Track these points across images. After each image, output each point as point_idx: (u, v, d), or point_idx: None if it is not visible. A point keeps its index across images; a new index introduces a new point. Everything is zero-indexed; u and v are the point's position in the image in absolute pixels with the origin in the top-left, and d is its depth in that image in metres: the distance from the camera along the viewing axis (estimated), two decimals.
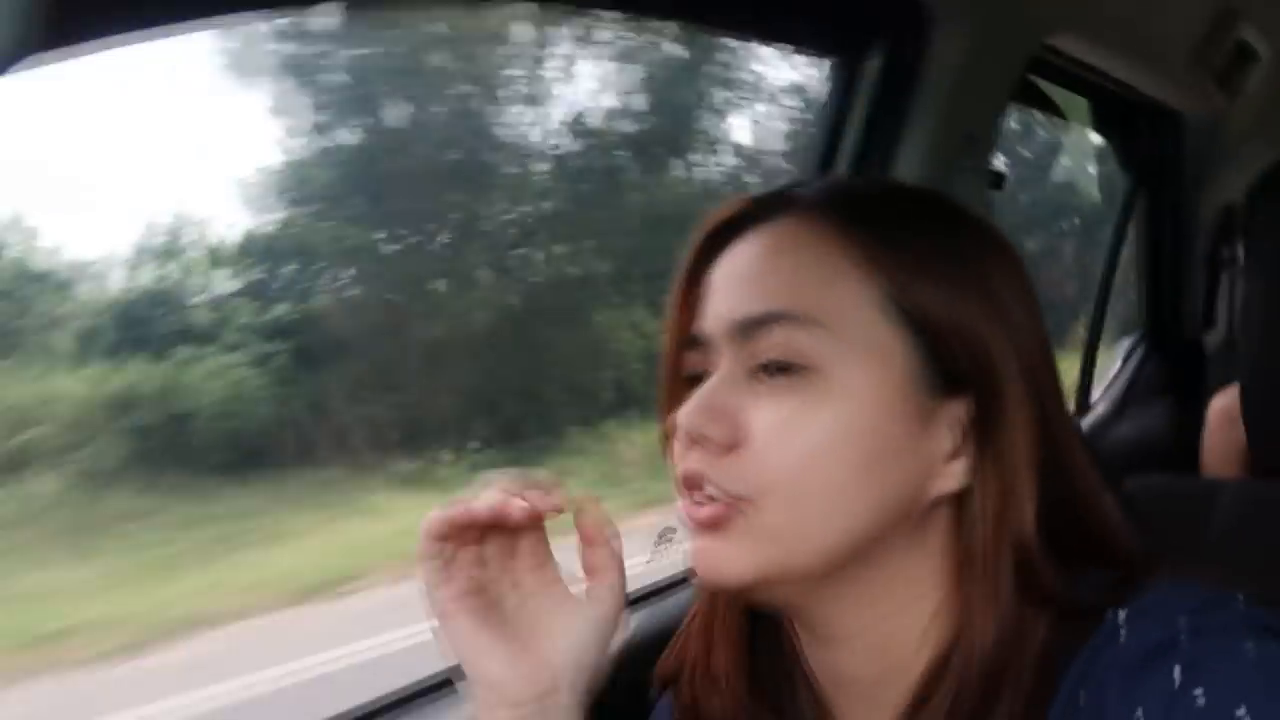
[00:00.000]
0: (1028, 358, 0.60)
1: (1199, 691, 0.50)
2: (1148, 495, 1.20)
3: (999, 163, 1.50)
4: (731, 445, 0.58)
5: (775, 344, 0.58)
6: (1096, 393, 2.32)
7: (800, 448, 0.57)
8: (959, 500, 0.60)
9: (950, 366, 0.59)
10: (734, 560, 0.59)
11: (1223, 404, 1.73)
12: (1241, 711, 0.49)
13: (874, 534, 0.58)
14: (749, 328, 0.59)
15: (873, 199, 0.64)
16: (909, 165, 1.30)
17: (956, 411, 0.59)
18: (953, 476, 0.59)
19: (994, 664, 0.57)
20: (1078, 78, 1.83)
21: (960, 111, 1.33)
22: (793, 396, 0.58)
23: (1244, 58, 2.03)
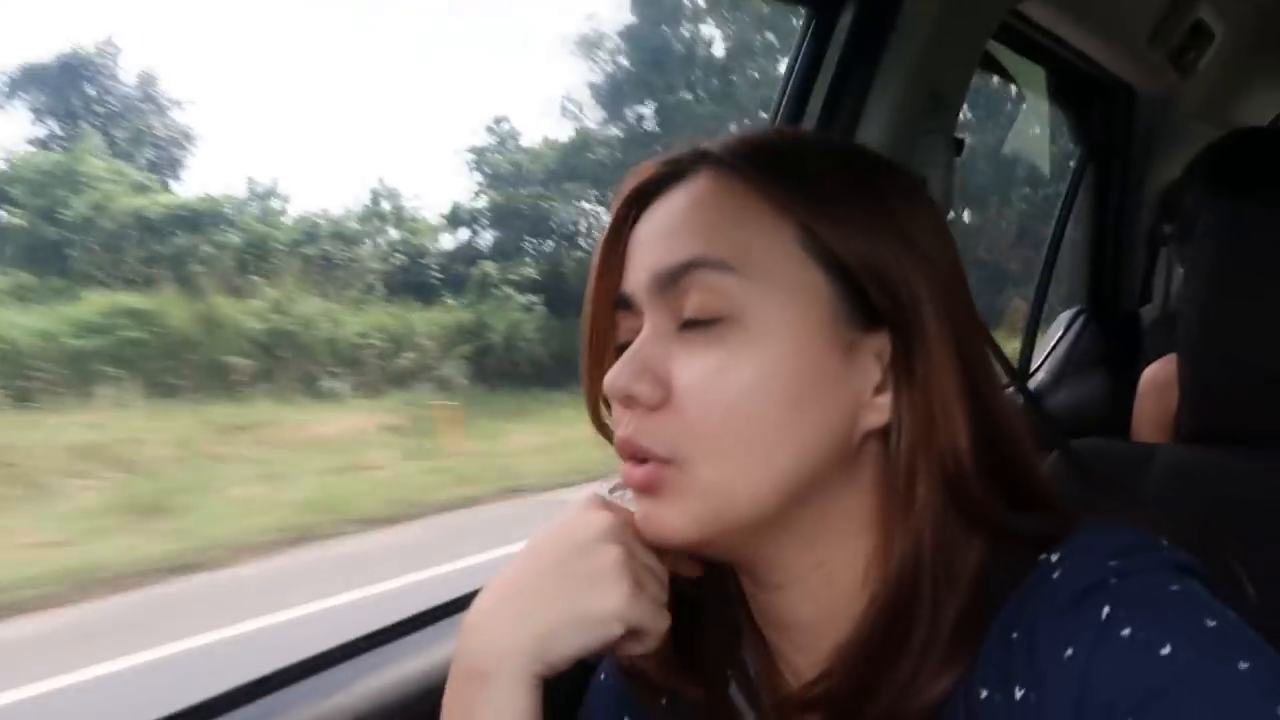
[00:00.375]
0: (943, 294, 0.61)
1: (1126, 630, 0.52)
2: (1085, 455, 1.23)
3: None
4: (660, 403, 0.59)
5: (693, 291, 0.59)
6: (1036, 363, 2.38)
7: (724, 398, 0.58)
8: (886, 434, 0.61)
9: (867, 302, 0.60)
10: (673, 521, 0.60)
11: (1154, 374, 1.78)
12: (1167, 650, 0.51)
13: (808, 476, 0.59)
14: (668, 279, 0.60)
15: (785, 148, 0.64)
16: (875, 123, 1.30)
17: (878, 345, 0.60)
18: (879, 410, 0.60)
19: (920, 587, 0.58)
20: (1040, 47, 1.84)
21: (928, 72, 1.33)
22: (716, 347, 0.58)
23: (1199, 37, 2.06)
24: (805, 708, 0.62)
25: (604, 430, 0.67)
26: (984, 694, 0.57)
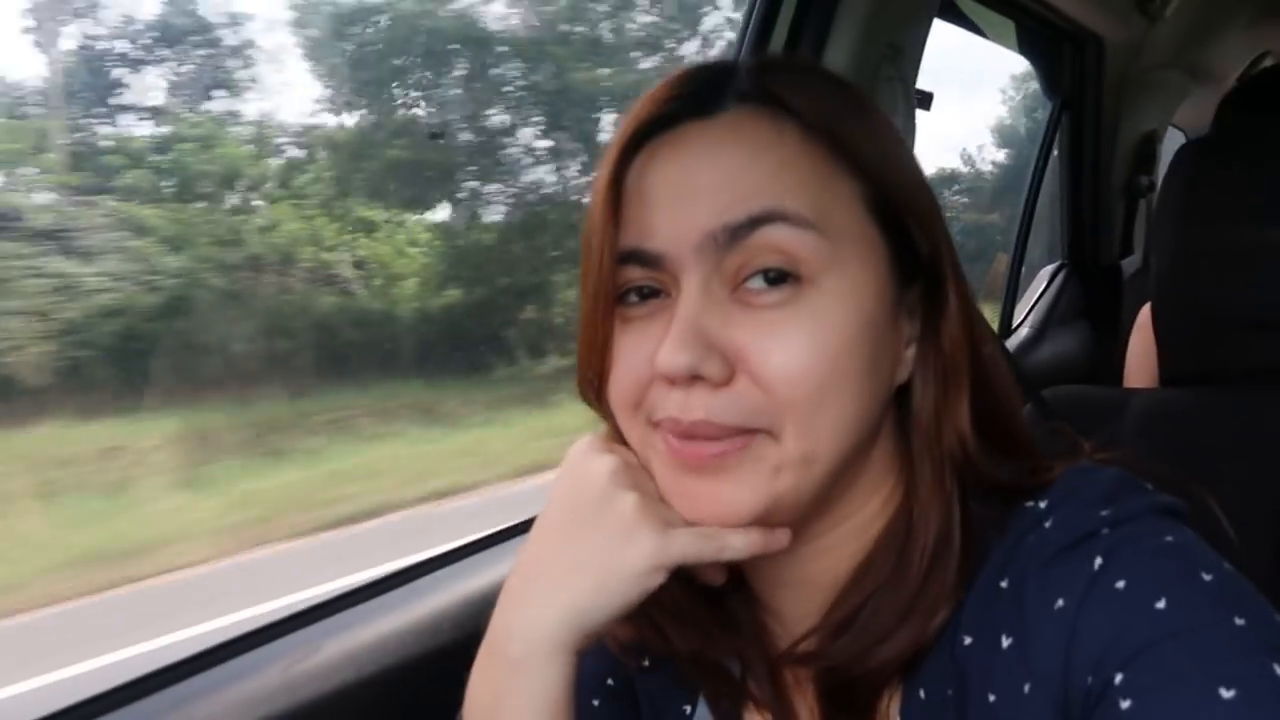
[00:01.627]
0: (947, 235, 0.59)
1: (1120, 583, 0.50)
2: (1063, 402, 1.23)
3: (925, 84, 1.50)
4: (730, 377, 0.53)
5: (765, 249, 0.53)
6: (1018, 318, 2.37)
7: (813, 366, 0.53)
8: (902, 390, 0.59)
9: (907, 257, 0.58)
10: (742, 499, 0.54)
11: (1143, 320, 1.77)
12: (1162, 604, 0.49)
13: (869, 438, 0.57)
14: (731, 236, 0.53)
15: (832, 90, 0.58)
16: (834, 70, 1.29)
17: (911, 300, 0.59)
18: (907, 365, 0.59)
19: (935, 550, 0.56)
20: None
21: (886, 20, 1.31)
22: (794, 311, 0.53)
23: None
24: (796, 661, 0.61)
25: (600, 404, 0.61)
26: (968, 641, 0.55)
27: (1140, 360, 1.71)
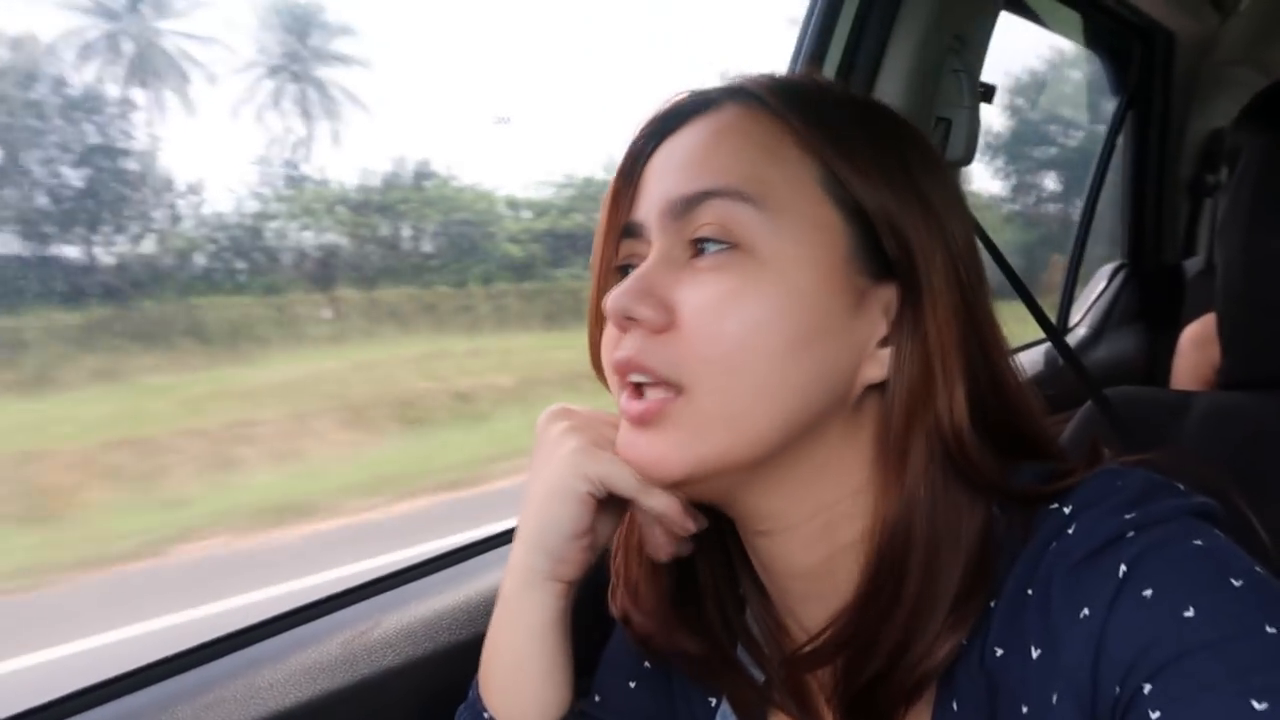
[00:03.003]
0: (954, 258, 0.60)
1: (1148, 591, 0.50)
2: (1124, 402, 1.21)
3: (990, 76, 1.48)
4: (664, 326, 0.57)
5: (709, 220, 0.58)
6: (1076, 316, 2.33)
7: (734, 325, 0.56)
8: (885, 388, 0.60)
9: (880, 253, 0.59)
10: (669, 454, 0.58)
11: (1194, 332, 1.74)
12: (1190, 613, 0.48)
13: (807, 418, 0.58)
14: (684, 206, 0.59)
15: (813, 91, 0.63)
16: (898, 62, 1.28)
17: (886, 297, 0.59)
18: (880, 364, 0.59)
19: (932, 551, 0.56)
20: None
21: (953, 10, 1.30)
22: (727, 274, 0.57)
23: None
24: (810, 662, 0.61)
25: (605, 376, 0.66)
26: (999, 653, 0.55)
27: (1187, 380, 1.68)
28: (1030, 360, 2.03)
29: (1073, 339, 2.25)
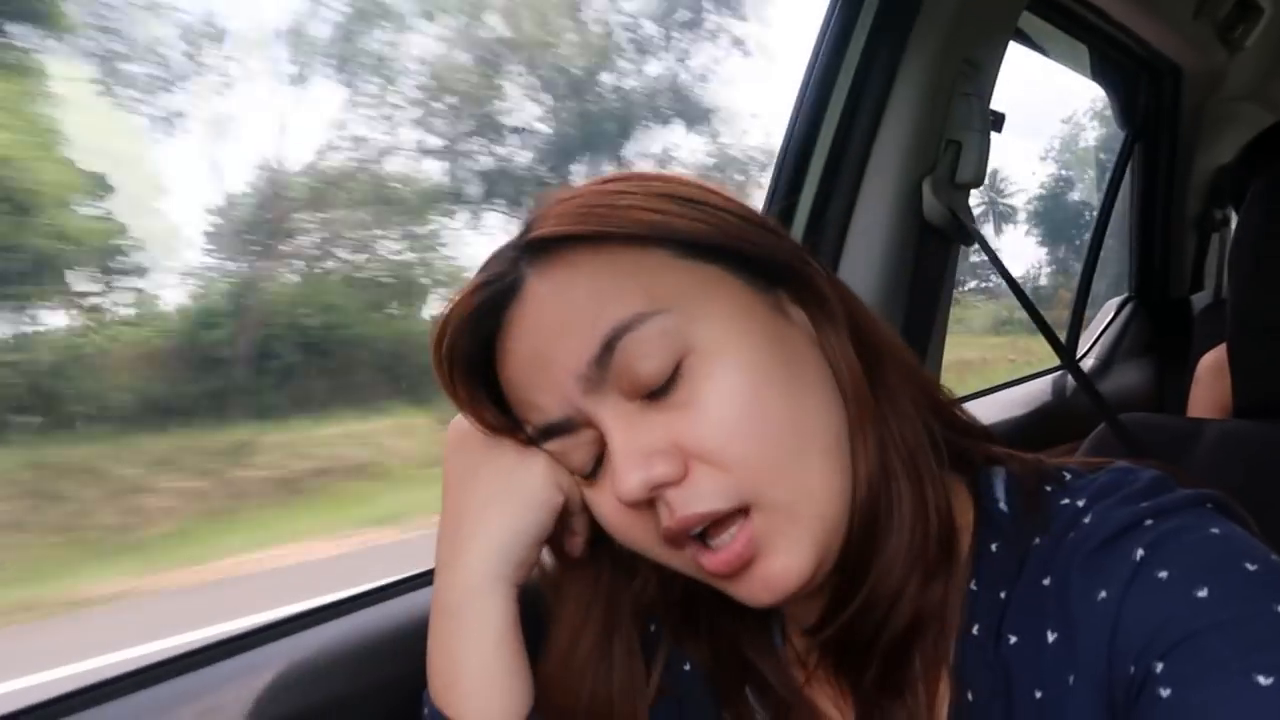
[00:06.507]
0: (796, 248, 0.62)
1: (1163, 573, 0.51)
2: (1137, 429, 1.21)
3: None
4: (685, 470, 0.55)
5: (635, 362, 0.55)
6: (1083, 349, 2.33)
7: (737, 415, 0.54)
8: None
9: (754, 265, 0.60)
10: (792, 564, 0.56)
11: (1213, 359, 1.75)
12: (1203, 593, 0.49)
13: (842, 423, 0.58)
14: (596, 369, 0.56)
15: (585, 196, 0.60)
16: (910, 86, 1.29)
17: (786, 300, 0.61)
18: (821, 360, 0.61)
19: (911, 518, 0.58)
20: (1080, 20, 1.81)
21: (963, 35, 1.31)
22: (693, 384, 0.55)
23: (1248, 11, 2.02)
24: (807, 636, 0.64)
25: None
26: (1013, 640, 0.56)
27: (1204, 410, 1.68)
28: (1038, 389, 2.03)
29: None
